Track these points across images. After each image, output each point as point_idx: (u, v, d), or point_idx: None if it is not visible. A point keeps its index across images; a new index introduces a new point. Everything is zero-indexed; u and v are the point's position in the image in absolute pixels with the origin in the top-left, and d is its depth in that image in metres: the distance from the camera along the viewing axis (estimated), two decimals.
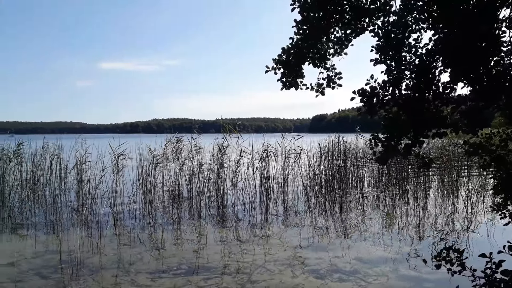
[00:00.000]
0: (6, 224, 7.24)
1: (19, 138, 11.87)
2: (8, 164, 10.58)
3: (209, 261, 5.05)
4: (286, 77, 3.75)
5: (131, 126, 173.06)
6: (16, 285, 4.23)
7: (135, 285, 4.23)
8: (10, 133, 13.04)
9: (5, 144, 11.39)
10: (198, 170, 9.94)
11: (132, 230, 6.73)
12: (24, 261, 5.04)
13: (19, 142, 11.10)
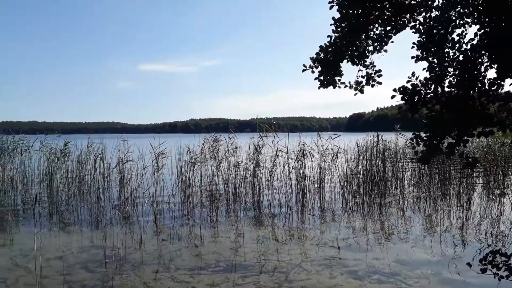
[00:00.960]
0: (54, 220, 7.63)
1: (66, 138, 12.49)
2: (56, 163, 11.17)
3: (246, 259, 5.09)
4: (324, 75, 3.73)
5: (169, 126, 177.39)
6: (65, 278, 4.46)
7: (175, 281, 4.34)
8: (57, 133, 13.72)
9: (53, 143, 12.04)
10: (235, 169, 10.05)
11: (172, 227, 6.90)
12: (71, 255, 5.30)
13: (65, 141, 11.68)
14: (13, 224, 7.22)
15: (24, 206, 9.01)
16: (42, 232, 6.55)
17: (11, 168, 12.03)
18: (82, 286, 4.22)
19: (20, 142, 12.54)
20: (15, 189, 10.99)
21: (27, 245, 5.78)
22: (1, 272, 4.65)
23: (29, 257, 5.17)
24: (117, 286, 4.23)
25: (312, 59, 3.68)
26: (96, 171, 11.25)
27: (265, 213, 8.13)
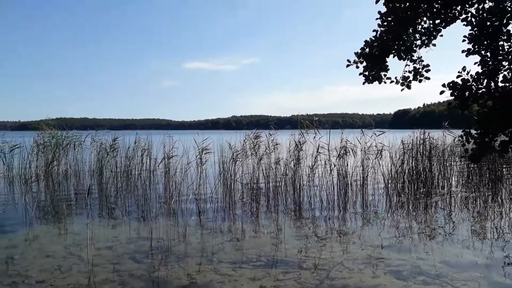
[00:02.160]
0: (104, 212, 8.02)
1: (114, 133, 13.10)
2: (106, 157, 11.75)
3: (287, 255, 5.12)
4: (369, 70, 3.66)
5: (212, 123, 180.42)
6: (114, 267, 4.69)
7: (217, 274, 4.45)
8: (106, 129, 14.40)
9: (103, 139, 12.66)
10: (275, 166, 10.09)
11: (214, 221, 7.05)
12: (120, 246, 5.56)
13: (114, 137, 12.25)
14: (67, 214, 7.67)
15: (77, 198, 9.53)
16: (93, 223, 6.92)
17: (65, 162, 12.79)
18: (130, 275, 4.42)
19: (73, 137, 13.29)
20: (69, 182, 11.68)
21: (80, 234, 6.14)
22: (57, 259, 4.97)
23: (82, 246, 5.49)
24: (163, 276, 4.39)
25: (357, 54, 3.62)
26: (143, 166, 11.71)
27: (305, 210, 8.10)
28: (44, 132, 12.98)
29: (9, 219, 7.27)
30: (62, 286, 4.12)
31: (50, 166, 12.27)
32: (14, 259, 4.98)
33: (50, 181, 11.69)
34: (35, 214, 7.72)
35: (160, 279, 4.31)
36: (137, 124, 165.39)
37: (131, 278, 4.32)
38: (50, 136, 12.87)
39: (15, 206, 8.50)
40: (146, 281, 4.27)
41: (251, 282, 4.21)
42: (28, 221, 7.06)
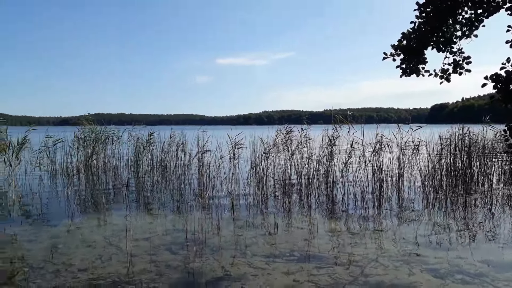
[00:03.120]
0: (141, 204, 8.27)
1: (150, 128, 13.48)
2: (142, 152, 12.11)
3: (320, 250, 5.10)
4: (406, 63, 3.56)
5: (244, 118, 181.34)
6: (151, 257, 4.84)
7: (251, 267, 4.50)
8: (142, 124, 14.82)
9: (140, 134, 13.05)
10: (308, 161, 10.04)
11: (247, 215, 7.12)
12: (156, 237, 5.72)
13: (150, 132, 12.60)
14: (106, 207, 7.97)
15: (115, 190, 9.88)
16: (131, 214, 7.16)
17: (103, 156, 13.28)
18: (166, 266, 4.55)
19: (111, 132, 13.77)
20: (107, 175, 12.11)
21: (118, 226, 6.37)
22: (98, 249, 5.18)
23: (120, 237, 5.69)
24: (198, 268, 4.49)
25: (394, 47, 3.53)
26: (178, 160, 11.97)
27: (339, 205, 8.03)
28: (84, 127, 13.52)
29: (53, 210, 7.64)
30: (103, 274, 4.29)
31: (90, 160, 12.78)
32: (58, 248, 5.23)
33: (90, 174, 12.19)
34: (77, 205, 8.08)
35: (195, 271, 4.41)
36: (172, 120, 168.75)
37: (167, 269, 4.44)
38: (90, 131, 13.40)
39: (58, 198, 8.91)
40: (181, 272, 4.38)
41: (285, 276, 4.23)
42: (70, 212, 7.40)
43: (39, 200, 8.46)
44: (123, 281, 4.09)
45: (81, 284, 4.02)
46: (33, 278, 4.19)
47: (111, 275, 4.26)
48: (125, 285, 3.99)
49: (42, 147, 13.05)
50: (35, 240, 5.59)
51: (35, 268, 4.48)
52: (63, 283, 4.06)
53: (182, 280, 4.16)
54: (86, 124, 13.62)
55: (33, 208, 7.79)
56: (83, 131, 13.43)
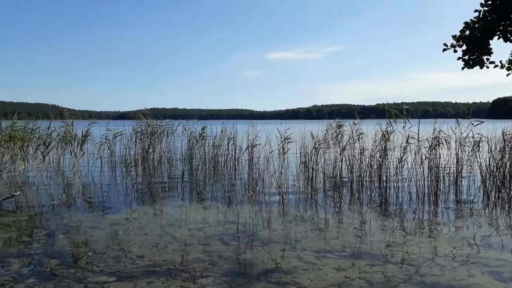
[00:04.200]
0: (194, 195, 8.54)
1: (203, 123, 13.87)
2: (195, 145, 12.49)
3: (372, 248, 4.99)
4: (469, 54, 3.37)
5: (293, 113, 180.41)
6: (204, 247, 4.99)
7: (301, 261, 4.51)
8: (195, 119, 15.28)
9: (193, 128, 13.47)
10: (360, 156, 9.82)
11: (296, 209, 7.12)
12: (209, 228, 5.89)
13: (203, 126, 12.96)
14: (162, 197, 8.32)
15: (170, 182, 10.27)
16: (185, 205, 7.42)
17: (159, 149, 13.86)
18: (219, 256, 4.68)
19: (166, 126, 14.34)
20: (162, 167, 12.63)
21: (173, 216, 6.63)
22: (154, 237, 5.43)
23: (175, 227, 5.93)
24: (249, 259, 4.57)
25: (455, 37, 3.35)
26: (229, 153, 12.21)
27: (392, 203, 7.79)
28: (141, 121, 14.18)
29: (113, 199, 8.10)
30: (159, 261, 4.50)
31: (147, 153, 13.40)
32: (118, 235, 5.55)
33: (146, 166, 12.78)
34: (134, 196, 8.50)
35: (246, 262, 4.50)
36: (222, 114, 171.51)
37: (219, 259, 4.57)
38: (147, 125, 14.03)
39: (117, 188, 9.43)
40: (233, 262, 4.48)
41: (336, 271, 4.20)
42: (128, 202, 7.82)
43: (100, 190, 9.01)
44: (178, 269, 4.27)
45: (139, 270, 4.24)
46: (96, 262, 4.48)
47: (167, 263, 4.46)
48: (180, 273, 4.15)
49: (103, 139, 13.88)
50: (97, 227, 5.97)
51: (98, 253, 4.79)
52: (123, 268, 4.30)
53: (234, 270, 4.26)
54: (142, 118, 14.27)
55: (95, 197, 8.31)
56: (141, 125, 14.09)
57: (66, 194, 8.59)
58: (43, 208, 7.25)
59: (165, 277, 4.05)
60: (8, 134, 11.20)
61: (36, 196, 8.26)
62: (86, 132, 12.86)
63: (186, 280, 3.97)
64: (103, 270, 4.23)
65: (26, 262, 4.46)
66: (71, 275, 4.08)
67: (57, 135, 12.76)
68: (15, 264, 4.40)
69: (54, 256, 4.68)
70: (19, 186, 9.19)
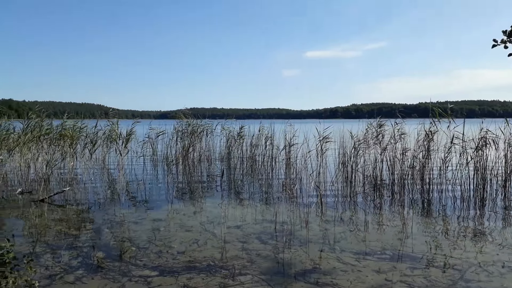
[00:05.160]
0: (232, 193, 8.66)
1: (241, 122, 14.02)
2: (234, 144, 12.65)
3: (414, 251, 4.86)
4: None
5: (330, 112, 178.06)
6: (243, 245, 5.06)
7: (340, 262, 4.47)
8: (233, 118, 15.48)
9: (231, 127, 13.66)
10: (401, 157, 9.56)
11: (335, 210, 7.05)
12: (247, 226, 5.96)
13: (241, 125, 13.10)
14: (201, 194, 8.50)
15: (209, 180, 10.47)
16: (224, 203, 7.55)
17: (199, 148, 14.16)
18: (257, 254, 4.73)
19: (206, 126, 14.64)
20: (202, 166, 12.89)
21: (212, 213, 6.77)
22: (194, 234, 5.57)
23: (214, 224, 6.05)
24: (287, 259, 4.59)
25: (506, 33, 3.19)
26: (266, 152, 12.27)
27: (435, 205, 7.53)
28: (181, 120, 14.56)
29: (155, 196, 8.38)
30: (199, 257, 4.61)
31: (187, 151, 13.73)
32: (160, 230, 5.74)
33: (186, 164, 13.10)
34: (175, 193, 8.74)
35: (284, 261, 4.52)
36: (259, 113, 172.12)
37: (258, 257, 4.62)
38: (187, 124, 14.39)
39: (159, 185, 9.73)
40: (271, 261, 4.52)
41: (376, 274, 4.13)
42: (169, 199, 8.05)
43: (143, 187, 9.34)
44: (218, 265, 4.36)
45: (180, 266, 4.37)
46: (140, 257, 4.66)
47: (207, 259, 4.56)
48: (220, 270, 4.24)
49: (146, 138, 14.37)
50: (140, 222, 6.20)
51: (141, 248, 4.98)
52: (165, 263, 4.45)
53: (272, 269, 4.29)
54: (183, 118, 14.63)
55: (138, 193, 8.62)
56: (181, 124, 14.47)
57: (111, 191, 8.97)
58: (90, 203, 7.62)
59: (205, 273, 4.15)
60: (58, 132, 11.84)
61: (83, 192, 8.70)
62: (130, 131, 13.36)
63: (225, 277, 4.05)
64: (146, 265, 4.39)
65: (75, 254, 4.71)
66: (116, 268, 4.27)
67: (103, 133, 13.35)
68: (65, 256, 4.67)
69: (101, 250, 4.91)
70: (68, 182, 9.69)
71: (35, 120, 11.82)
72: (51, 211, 6.98)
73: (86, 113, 15.79)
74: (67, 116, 13.02)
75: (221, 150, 14.06)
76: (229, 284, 3.87)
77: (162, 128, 14.35)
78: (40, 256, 4.62)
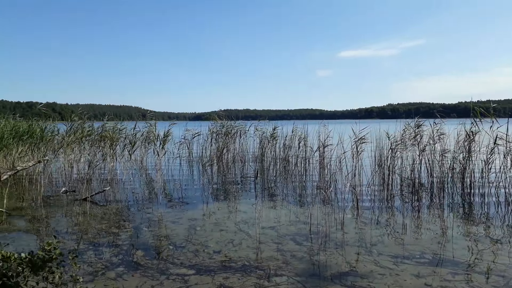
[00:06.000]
0: (266, 194, 8.69)
1: (274, 123, 14.04)
2: (267, 144, 12.69)
3: (455, 255, 4.70)
4: None
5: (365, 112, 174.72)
6: (278, 246, 5.07)
7: (377, 265, 4.39)
8: (266, 119, 15.54)
9: (264, 128, 13.71)
10: (440, 158, 9.26)
11: (371, 212, 6.92)
12: (281, 227, 5.97)
13: (274, 126, 13.12)
14: (236, 195, 8.59)
15: (242, 180, 10.56)
16: (258, 204, 7.59)
17: (233, 149, 14.32)
18: (292, 255, 4.73)
19: (239, 127, 14.78)
20: (236, 166, 13.02)
21: (247, 213, 6.82)
22: (229, 234, 5.64)
23: (249, 224, 6.09)
24: (322, 261, 4.56)
25: None
26: (299, 153, 12.21)
27: (477, 208, 7.24)
28: (215, 122, 14.77)
29: (191, 195, 8.54)
30: (235, 257, 4.67)
31: (221, 152, 13.92)
32: (196, 230, 5.85)
33: (221, 165, 13.27)
34: (210, 193, 8.87)
35: (320, 263, 4.49)
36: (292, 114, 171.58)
37: (293, 259, 4.61)
38: (221, 125, 14.58)
39: (194, 185, 9.92)
40: (307, 263, 4.50)
41: (415, 278, 4.02)
42: (205, 199, 8.19)
43: (179, 187, 9.55)
44: (253, 266, 4.39)
45: (216, 265, 4.43)
46: (177, 255, 4.77)
47: (242, 259, 4.61)
48: (255, 270, 4.27)
49: (182, 139, 14.70)
50: (177, 221, 6.34)
51: (178, 246, 5.10)
52: (201, 262, 4.53)
53: (308, 270, 4.27)
54: (216, 119, 14.84)
55: (175, 193, 8.82)
56: (216, 125, 14.69)
57: (149, 190, 9.23)
58: (129, 202, 7.88)
59: (240, 273, 4.19)
60: (99, 134, 12.32)
61: (123, 191, 9.00)
62: (167, 132, 13.71)
63: (260, 277, 4.08)
64: (183, 263, 4.49)
65: (116, 252, 4.89)
66: (155, 266, 4.40)
67: (141, 135, 13.77)
68: (106, 253, 4.85)
69: (139, 248, 5.07)
70: (108, 182, 10.06)
71: (77, 122, 12.35)
72: (93, 209, 7.27)
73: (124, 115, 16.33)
74: (107, 118, 13.52)
75: (255, 151, 14.14)
76: (265, 285, 3.89)
77: (197, 129, 14.62)
78: (83, 253, 4.83)
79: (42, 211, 7.09)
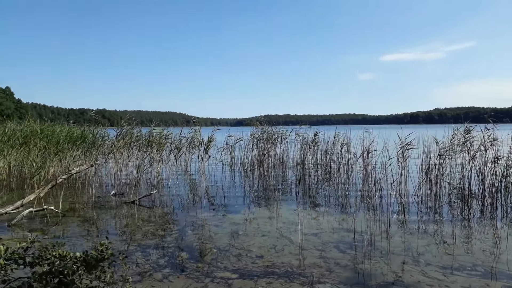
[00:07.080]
0: (307, 200, 8.63)
1: (315, 128, 13.94)
2: (308, 150, 12.61)
3: (509, 268, 4.44)
4: None
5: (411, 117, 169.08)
6: (321, 253, 5.03)
7: (425, 276, 4.24)
8: (307, 125, 15.45)
9: (305, 133, 13.64)
10: (493, 165, 8.79)
11: (418, 221, 6.69)
12: (324, 234, 5.90)
13: (315, 132, 13.02)
14: (277, 200, 8.60)
15: (283, 186, 10.55)
16: (300, 210, 7.55)
17: (274, 154, 14.36)
18: (336, 263, 4.67)
19: (280, 132, 14.80)
20: (277, 171, 13.03)
21: (288, 219, 6.81)
22: (271, 239, 5.66)
23: (291, 230, 6.08)
24: (367, 270, 4.46)
25: None
26: (342, 159, 12.03)
27: None
28: (257, 127, 14.90)
29: (233, 200, 8.65)
30: (277, 263, 4.68)
31: (262, 157, 14.01)
32: (238, 234, 5.91)
33: (262, 170, 13.34)
34: (252, 198, 8.94)
35: (365, 272, 4.40)
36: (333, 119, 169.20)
37: (336, 266, 4.55)
38: (262, 131, 14.68)
39: (236, 190, 10.04)
40: (351, 271, 4.43)
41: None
42: (246, 203, 8.27)
43: (222, 191, 9.70)
44: (296, 272, 4.38)
45: (259, 270, 4.46)
46: (220, 259, 4.85)
47: (284, 265, 4.61)
48: (298, 277, 4.26)
49: (225, 144, 14.94)
50: (220, 225, 6.45)
51: (221, 250, 5.18)
52: (244, 266, 4.58)
53: (352, 279, 4.20)
54: (257, 125, 14.96)
55: (217, 197, 8.97)
56: (257, 131, 14.81)
57: (193, 194, 9.46)
58: (174, 206, 8.11)
59: (283, 278, 4.20)
60: (147, 139, 12.79)
61: (168, 195, 9.28)
62: (210, 137, 14.00)
63: (303, 284, 4.06)
64: (227, 267, 4.56)
65: (162, 254, 5.05)
66: (199, 269, 4.50)
67: (186, 140, 14.14)
68: (153, 254, 5.03)
69: (184, 250, 5.20)
70: (155, 186, 10.41)
71: (126, 128, 12.89)
72: (140, 212, 7.55)
73: (169, 121, 16.83)
74: (154, 124, 14.01)
75: (295, 157, 14.09)
76: None
77: (239, 135, 14.81)
78: (132, 254, 5.03)
79: (93, 213, 7.47)
